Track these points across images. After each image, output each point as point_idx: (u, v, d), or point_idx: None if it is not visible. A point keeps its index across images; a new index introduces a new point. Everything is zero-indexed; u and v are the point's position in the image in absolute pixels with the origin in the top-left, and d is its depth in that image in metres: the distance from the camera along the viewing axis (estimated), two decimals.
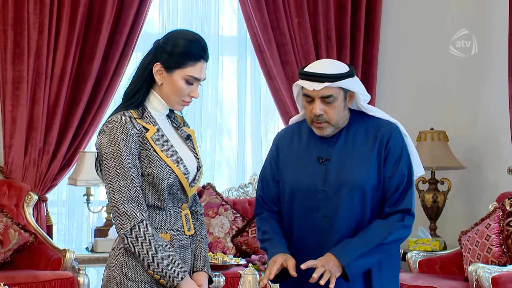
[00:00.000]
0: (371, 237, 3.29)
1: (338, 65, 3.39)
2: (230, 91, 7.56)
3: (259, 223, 3.49)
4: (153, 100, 3.12)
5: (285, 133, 3.57)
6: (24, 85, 6.65)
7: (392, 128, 3.40)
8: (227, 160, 7.65)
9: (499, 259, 5.98)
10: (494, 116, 7.15)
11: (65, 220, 7.22)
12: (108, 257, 3.11)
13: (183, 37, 3.09)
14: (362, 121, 3.43)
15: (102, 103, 6.90)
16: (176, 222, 3.10)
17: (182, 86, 3.08)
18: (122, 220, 2.97)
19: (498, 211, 6.15)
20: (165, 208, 3.07)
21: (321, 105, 3.30)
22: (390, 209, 3.34)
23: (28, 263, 6.27)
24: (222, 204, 6.95)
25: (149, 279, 3.01)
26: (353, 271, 3.25)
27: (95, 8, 6.86)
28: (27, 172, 6.72)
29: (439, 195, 7.16)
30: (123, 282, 3.01)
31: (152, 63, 3.08)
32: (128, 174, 2.97)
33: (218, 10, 7.43)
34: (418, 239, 6.93)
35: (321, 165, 3.37)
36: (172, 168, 3.04)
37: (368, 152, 3.35)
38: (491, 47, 7.22)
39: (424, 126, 7.23)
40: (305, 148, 3.44)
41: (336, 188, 3.33)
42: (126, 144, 2.99)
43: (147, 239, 2.96)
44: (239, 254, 6.72)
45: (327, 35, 7.32)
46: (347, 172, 3.33)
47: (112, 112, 3.13)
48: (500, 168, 6.96)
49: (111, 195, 2.99)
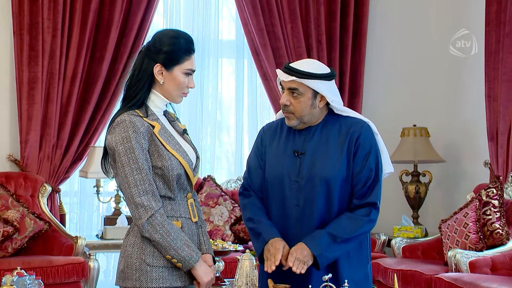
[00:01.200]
0: (341, 230, 3.29)
1: (317, 66, 3.39)
2: (229, 90, 7.56)
3: (249, 207, 3.48)
4: (154, 99, 3.13)
5: (269, 127, 3.58)
6: (39, 85, 6.65)
7: (363, 127, 3.40)
8: (226, 154, 7.65)
9: (476, 245, 5.99)
10: (472, 114, 7.17)
11: (77, 209, 7.22)
12: (122, 245, 3.11)
13: (173, 36, 3.11)
14: (337, 120, 3.43)
15: (111, 101, 6.90)
16: (184, 210, 3.12)
17: (183, 80, 3.10)
18: (139, 211, 2.98)
19: (475, 201, 6.16)
20: (174, 197, 3.09)
21: (288, 96, 3.34)
22: (358, 202, 3.35)
23: (42, 249, 6.27)
24: (221, 195, 6.95)
25: (166, 263, 3.02)
26: (324, 261, 3.27)
27: (104, 14, 6.86)
28: (42, 165, 6.72)
29: (421, 186, 7.17)
30: (143, 268, 3.01)
31: (151, 65, 3.08)
32: (142, 169, 2.98)
33: (217, 16, 7.43)
34: (401, 227, 6.95)
35: (296, 158, 3.38)
36: (179, 159, 3.06)
37: (340, 148, 3.36)
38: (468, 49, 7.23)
39: (408, 123, 7.24)
40: (284, 142, 3.45)
41: (308, 180, 3.34)
42: (138, 141, 2.99)
43: (164, 227, 2.97)
44: (237, 241, 6.72)
45: (318, 39, 7.32)
46: (319, 166, 3.34)
47: (116, 113, 3.12)
48: (477, 162, 6.97)
49: (127, 189, 2.99)
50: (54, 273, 5.92)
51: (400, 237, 6.77)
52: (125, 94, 3.14)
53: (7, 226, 6.10)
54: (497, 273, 5.74)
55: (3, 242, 6.08)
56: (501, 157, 6.54)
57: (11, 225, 6.13)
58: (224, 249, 5.18)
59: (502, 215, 6.10)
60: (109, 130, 3.07)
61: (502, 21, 6.58)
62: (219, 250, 5.12)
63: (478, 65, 6.89)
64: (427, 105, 7.58)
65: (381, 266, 6.18)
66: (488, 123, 6.69)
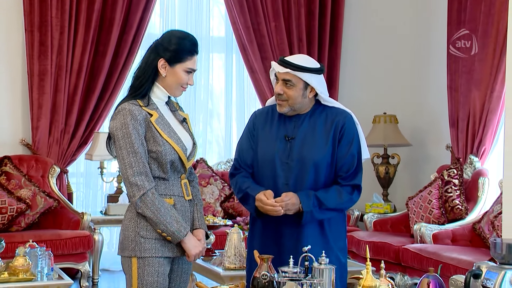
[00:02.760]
0: (331, 199, 3.32)
1: (309, 61, 3.41)
2: (219, 82, 7.55)
3: (238, 181, 3.47)
4: (156, 91, 3.13)
5: (261, 112, 3.58)
6: (48, 77, 6.62)
7: (346, 117, 3.42)
8: (216, 139, 7.65)
9: (438, 219, 6.03)
10: (435, 103, 7.19)
11: (83, 188, 7.20)
12: (122, 220, 3.13)
13: (179, 36, 3.12)
14: (323, 110, 3.45)
15: (113, 92, 6.87)
16: (177, 189, 3.13)
17: (183, 77, 3.11)
18: (133, 190, 2.99)
19: (438, 180, 6.20)
20: (168, 178, 3.09)
21: (282, 86, 3.35)
22: (344, 182, 3.37)
23: (52, 224, 6.26)
24: (212, 176, 6.96)
25: (158, 236, 3.03)
26: (309, 218, 3.29)
27: (106, 14, 6.82)
28: (51, 149, 6.70)
29: (390, 168, 7.21)
30: (137, 239, 3.03)
31: (156, 59, 3.09)
32: (137, 152, 2.99)
33: (209, 15, 7.40)
34: (373, 204, 6.98)
35: (287, 142, 3.39)
36: (172, 146, 3.07)
37: (326, 135, 3.38)
38: (431, 45, 7.25)
39: (378, 111, 7.26)
40: (276, 127, 3.45)
41: (297, 162, 3.36)
42: (135, 127, 3.00)
43: (154, 204, 2.99)
44: (226, 216, 6.73)
45: (299, 36, 7.32)
46: (307, 149, 3.36)
47: (120, 101, 3.14)
48: (440, 145, 7.01)
49: (123, 170, 3.01)
50: (62, 245, 5.93)
51: (372, 212, 6.80)
52: (132, 83, 3.14)
53: (20, 203, 6.10)
54: (456, 243, 5.79)
55: (17, 217, 6.08)
56: (461, 141, 6.59)
57: (23, 202, 6.12)
58: (214, 224, 5.22)
59: (461, 192, 6.14)
60: (112, 117, 3.09)
61: (462, 20, 6.61)
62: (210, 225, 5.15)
63: (441, 59, 6.92)
64: (396, 95, 7.59)
65: (354, 238, 6.21)
66: (450, 111, 6.72)
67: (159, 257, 3.03)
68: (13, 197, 6.09)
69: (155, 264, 3.02)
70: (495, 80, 6.25)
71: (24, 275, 4.30)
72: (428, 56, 7.35)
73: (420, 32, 7.48)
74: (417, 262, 5.56)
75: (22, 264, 4.32)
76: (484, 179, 6.16)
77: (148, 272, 3.01)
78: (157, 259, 3.02)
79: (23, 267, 4.31)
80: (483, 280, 3.05)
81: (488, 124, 6.31)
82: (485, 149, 6.37)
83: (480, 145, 6.38)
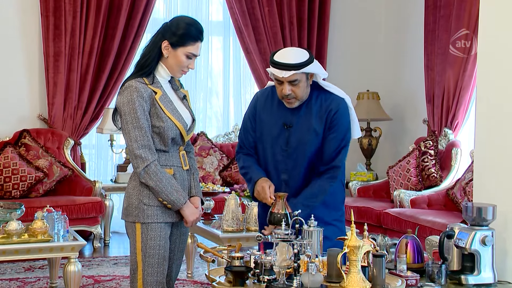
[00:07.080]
0: (314, 199, 3.22)
1: (300, 53, 3.22)
2: (218, 62, 7.51)
3: (242, 158, 3.41)
4: (160, 70, 3.08)
5: (262, 94, 3.44)
6: (62, 58, 6.58)
7: (340, 104, 3.27)
8: (215, 115, 7.63)
9: (416, 186, 6.06)
10: (413, 81, 7.18)
11: (94, 159, 7.20)
12: (126, 188, 3.11)
13: (187, 22, 3.05)
14: (319, 95, 3.30)
15: (121, 71, 6.84)
16: (176, 160, 3.10)
17: (184, 60, 3.05)
18: (137, 161, 2.97)
19: (416, 151, 6.21)
20: (168, 150, 3.07)
21: (289, 87, 3.19)
22: (323, 168, 3.26)
23: (67, 191, 6.27)
24: (212, 147, 6.96)
25: (160, 203, 3.02)
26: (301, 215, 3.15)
27: (115, 0, 6.76)
28: (66, 123, 6.68)
29: (372, 140, 7.21)
30: (140, 206, 3.01)
31: (161, 40, 3.04)
32: (141, 127, 2.96)
33: (208, 1, 7.34)
34: (357, 172, 7.00)
35: (285, 130, 3.30)
36: (174, 122, 3.03)
37: (319, 122, 3.26)
38: (409, 28, 7.22)
39: (362, 88, 7.25)
40: (276, 114, 3.33)
41: (294, 148, 3.28)
42: (140, 103, 2.97)
43: (156, 175, 2.97)
44: (225, 184, 6.74)
45: (290, 20, 7.27)
46: (303, 137, 3.27)
47: (127, 77, 3.09)
48: (417, 119, 7.01)
49: (129, 142, 2.99)
50: (76, 210, 5.94)
51: (356, 180, 6.81)
52: (138, 60, 3.09)
53: (38, 172, 6.10)
54: (432, 208, 5.82)
55: (35, 185, 6.08)
56: (437, 116, 6.59)
57: (41, 171, 6.12)
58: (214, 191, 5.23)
59: (437, 162, 6.16)
60: (119, 92, 3.05)
61: (438, 6, 6.57)
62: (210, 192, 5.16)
63: (419, 41, 6.90)
64: (378, 74, 7.58)
65: None
66: (426, 88, 6.72)
67: (160, 223, 3.02)
68: (31, 166, 6.09)
69: (157, 229, 3.01)
70: (467, 60, 6.23)
71: (42, 237, 4.33)
72: (406, 39, 7.33)
73: (399, 17, 7.45)
74: (397, 224, 5.59)
75: (40, 226, 4.34)
76: (457, 149, 6.17)
77: (151, 236, 3.00)
78: (158, 224, 3.01)
79: (41, 230, 4.34)
80: (456, 240, 3.08)
81: (461, 101, 6.31)
82: (458, 122, 6.37)
83: (453, 119, 6.38)
